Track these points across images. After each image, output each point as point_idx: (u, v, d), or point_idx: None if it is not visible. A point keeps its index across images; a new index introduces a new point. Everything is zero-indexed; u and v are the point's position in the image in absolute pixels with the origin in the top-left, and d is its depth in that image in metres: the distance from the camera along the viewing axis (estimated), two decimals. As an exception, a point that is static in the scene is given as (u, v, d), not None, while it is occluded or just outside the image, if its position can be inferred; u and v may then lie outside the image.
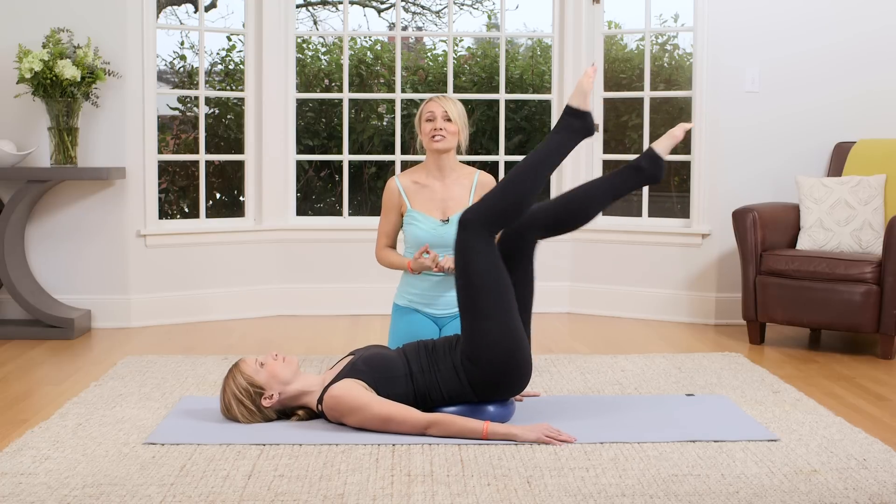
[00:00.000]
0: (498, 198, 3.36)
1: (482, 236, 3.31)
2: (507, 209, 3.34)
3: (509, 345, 3.27)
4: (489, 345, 3.26)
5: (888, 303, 4.50)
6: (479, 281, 3.29)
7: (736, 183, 5.47)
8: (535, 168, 3.40)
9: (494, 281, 3.29)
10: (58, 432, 3.25)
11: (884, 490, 2.72)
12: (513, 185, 3.37)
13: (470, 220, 3.32)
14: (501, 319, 3.27)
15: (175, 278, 5.48)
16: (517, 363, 3.29)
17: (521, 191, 3.36)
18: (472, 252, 3.30)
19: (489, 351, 3.26)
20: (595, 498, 2.65)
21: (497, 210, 3.34)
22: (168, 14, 11.11)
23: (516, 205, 3.35)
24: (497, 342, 3.26)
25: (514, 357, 3.28)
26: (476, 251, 3.30)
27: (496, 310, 3.27)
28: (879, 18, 5.41)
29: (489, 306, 3.27)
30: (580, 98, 3.47)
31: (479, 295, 3.28)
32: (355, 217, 6.00)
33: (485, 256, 3.30)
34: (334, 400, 3.22)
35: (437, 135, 3.94)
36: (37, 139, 5.21)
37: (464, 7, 11.46)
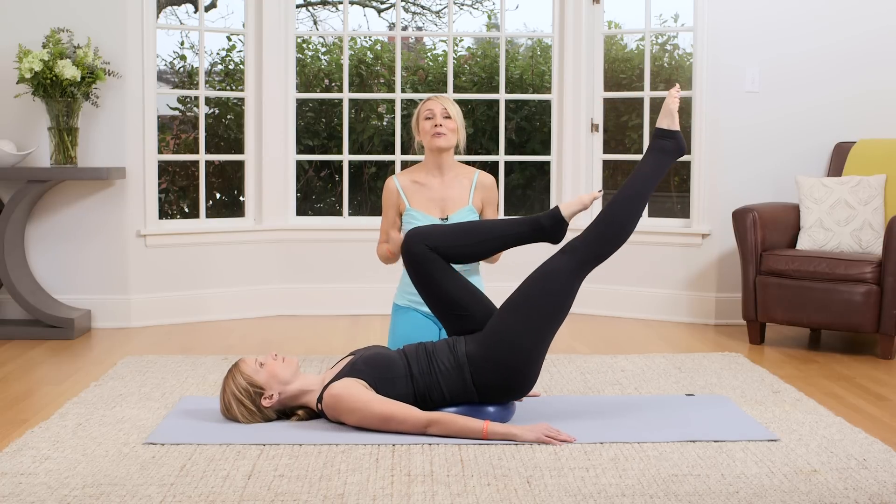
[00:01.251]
0: (606, 225, 3.42)
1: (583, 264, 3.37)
2: (615, 236, 3.42)
3: (531, 357, 3.30)
4: (513, 347, 3.27)
5: (888, 303, 4.50)
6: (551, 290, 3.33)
7: (736, 183, 5.47)
8: (640, 192, 3.45)
9: (560, 301, 3.35)
10: (58, 432, 3.25)
11: (884, 490, 2.72)
12: (620, 211, 3.43)
13: (578, 248, 3.39)
14: (541, 334, 3.32)
15: (175, 278, 5.48)
16: (529, 374, 3.33)
17: (628, 216, 3.43)
18: (564, 272, 3.35)
19: (512, 354, 3.27)
20: (595, 498, 2.65)
21: (605, 237, 3.41)
22: (168, 14, 11.11)
23: (624, 230, 3.43)
24: (520, 349, 3.28)
25: (531, 367, 3.32)
26: (567, 273, 3.35)
27: (541, 324, 3.32)
28: (879, 18, 5.41)
29: (538, 316, 3.31)
30: (668, 119, 3.53)
31: (544, 303, 3.32)
32: (355, 217, 6.00)
33: (570, 281, 3.36)
34: (334, 399, 3.22)
35: (437, 132, 3.94)
36: (37, 139, 5.21)
37: (464, 7, 11.46)
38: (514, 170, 7.92)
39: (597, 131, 5.82)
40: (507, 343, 3.29)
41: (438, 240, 3.44)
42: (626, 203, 3.44)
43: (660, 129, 3.54)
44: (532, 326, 3.30)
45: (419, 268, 3.44)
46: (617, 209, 3.43)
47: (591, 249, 3.40)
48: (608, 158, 5.95)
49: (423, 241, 3.42)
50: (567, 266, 3.37)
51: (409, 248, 3.44)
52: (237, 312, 5.64)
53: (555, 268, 3.37)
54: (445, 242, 3.44)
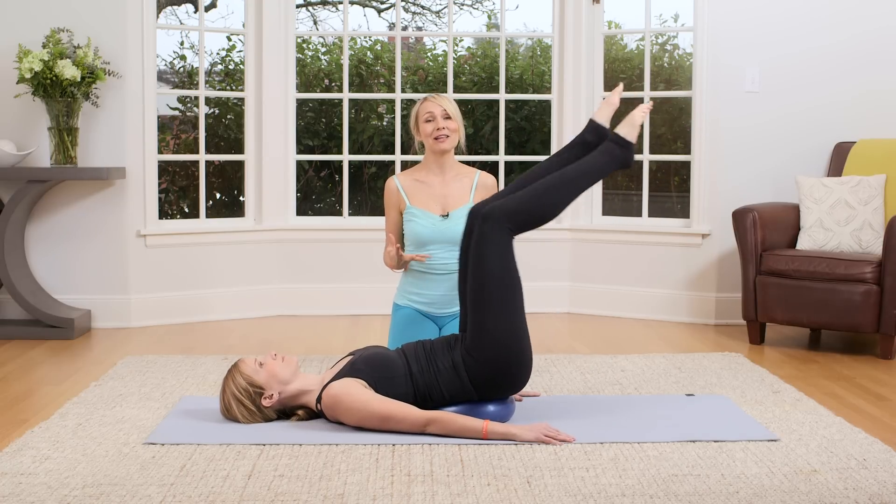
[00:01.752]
0: (530, 201, 3.35)
1: (503, 232, 3.30)
2: (537, 214, 3.35)
3: (514, 342, 3.27)
4: (494, 340, 3.26)
5: (888, 303, 4.50)
6: (493, 275, 3.29)
7: (736, 183, 5.47)
8: (576, 183, 3.40)
9: (508, 277, 3.30)
10: (58, 432, 3.25)
11: (884, 490, 2.72)
12: (548, 192, 3.37)
13: (495, 214, 3.31)
14: (509, 316, 3.28)
15: (175, 278, 5.48)
16: (520, 361, 3.29)
17: (556, 201, 3.36)
18: (491, 245, 3.29)
19: (493, 346, 3.26)
20: (595, 498, 2.65)
21: (527, 211, 3.34)
22: (168, 14, 11.11)
23: (547, 213, 3.36)
24: (502, 338, 3.26)
25: (518, 354, 3.28)
26: (495, 244, 3.30)
27: (505, 305, 3.28)
28: (879, 18, 5.41)
29: (499, 301, 3.27)
30: (629, 129, 3.50)
31: (492, 289, 3.28)
32: (355, 217, 6.00)
33: (502, 251, 3.31)
34: (333, 399, 3.22)
35: (440, 135, 3.94)
36: (37, 139, 5.21)
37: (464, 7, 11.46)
38: (514, 170, 7.92)
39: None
40: (482, 337, 3.27)
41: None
42: (557, 189, 3.36)
43: (617, 135, 3.48)
44: (497, 310, 3.26)
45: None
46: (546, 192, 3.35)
47: (510, 222, 3.30)
48: (608, 158, 5.94)
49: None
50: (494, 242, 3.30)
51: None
52: (237, 312, 5.64)
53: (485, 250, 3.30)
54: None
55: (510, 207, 3.33)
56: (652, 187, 7.28)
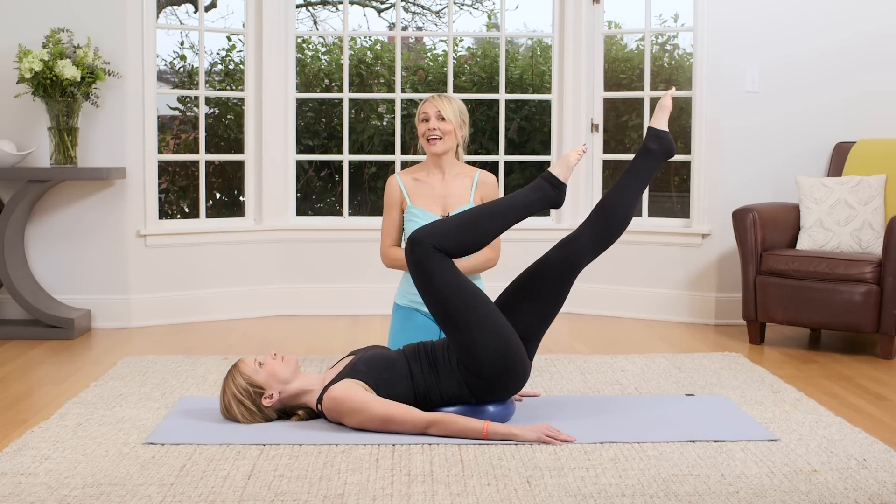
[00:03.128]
0: (459, 229, 3.32)
1: (432, 253, 3.27)
2: (463, 243, 3.32)
3: (499, 347, 3.25)
4: (479, 353, 3.25)
5: (888, 303, 4.50)
6: (444, 295, 3.27)
7: (736, 183, 5.47)
8: (504, 215, 3.37)
9: (459, 291, 3.27)
10: (58, 432, 3.25)
11: (884, 490, 2.72)
12: (478, 222, 3.34)
13: (420, 240, 3.28)
14: (482, 325, 3.25)
15: (175, 278, 5.48)
16: (511, 364, 3.28)
17: (485, 231, 3.34)
18: (429, 269, 3.27)
19: (481, 358, 3.25)
20: (595, 498, 2.65)
21: (455, 239, 3.30)
22: (168, 14, 11.11)
23: (473, 243, 3.33)
24: (486, 349, 3.24)
25: (507, 358, 3.26)
26: (432, 266, 3.27)
27: (473, 318, 3.26)
28: (879, 18, 5.41)
29: (465, 317, 3.25)
30: (564, 171, 3.45)
31: (451, 308, 3.26)
32: (355, 217, 6.00)
33: (441, 270, 3.28)
34: (334, 401, 3.22)
35: (431, 136, 3.93)
36: (37, 139, 5.21)
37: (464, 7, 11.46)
38: (514, 170, 7.92)
39: (597, 131, 5.82)
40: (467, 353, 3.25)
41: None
42: (487, 219, 3.35)
43: (551, 175, 3.44)
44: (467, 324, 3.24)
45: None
46: (475, 218, 3.35)
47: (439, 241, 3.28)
48: (608, 158, 5.95)
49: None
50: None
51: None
52: (237, 312, 5.64)
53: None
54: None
55: (436, 231, 3.31)
56: (652, 187, 7.29)
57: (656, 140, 3.55)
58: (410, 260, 3.30)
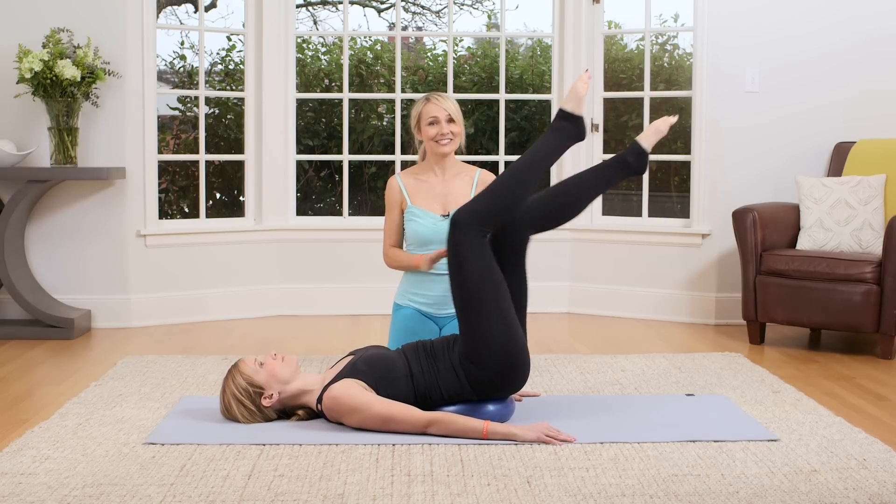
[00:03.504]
0: (491, 197, 3.38)
1: (474, 235, 3.32)
2: (500, 209, 3.37)
3: (507, 342, 3.27)
4: (487, 343, 3.26)
5: (888, 303, 4.50)
6: (473, 279, 3.29)
7: (736, 183, 5.47)
8: (529, 169, 3.43)
9: (489, 279, 3.31)
10: (58, 432, 3.25)
11: (884, 490, 2.72)
12: (506, 185, 3.40)
13: (461, 220, 3.33)
14: (498, 317, 3.28)
15: (175, 278, 5.48)
16: (515, 361, 3.29)
17: (515, 191, 3.38)
18: (465, 251, 3.31)
19: (487, 349, 3.26)
20: (595, 498, 2.65)
21: (490, 209, 3.36)
22: (168, 14, 11.11)
23: (509, 205, 3.38)
24: (495, 340, 3.26)
25: (513, 354, 3.28)
26: (469, 250, 3.31)
27: (492, 308, 3.28)
28: (879, 18, 5.41)
29: (485, 305, 3.28)
30: (574, 102, 3.50)
31: (475, 294, 3.29)
32: (355, 217, 6.00)
33: (478, 255, 3.32)
34: (333, 400, 3.22)
35: (443, 139, 3.93)
36: (37, 139, 5.21)
37: (464, 7, 11.46)
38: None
39: (597, 131, 5.82)
40: (475, 342, 3.28)
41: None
42: (514, 178, 3.38)
43: (563, 111, 3.50)
44: (485, 313, 3.27)
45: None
46: (502, 183, 3.38)
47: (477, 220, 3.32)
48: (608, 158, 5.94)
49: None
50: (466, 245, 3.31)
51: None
52: (237, 312, 5.64)
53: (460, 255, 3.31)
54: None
55: (478, 210, 3.35)
56: (652, 187, 7.29)
57: (636, 156, 3.57)
58: (451, 241, 3.33)
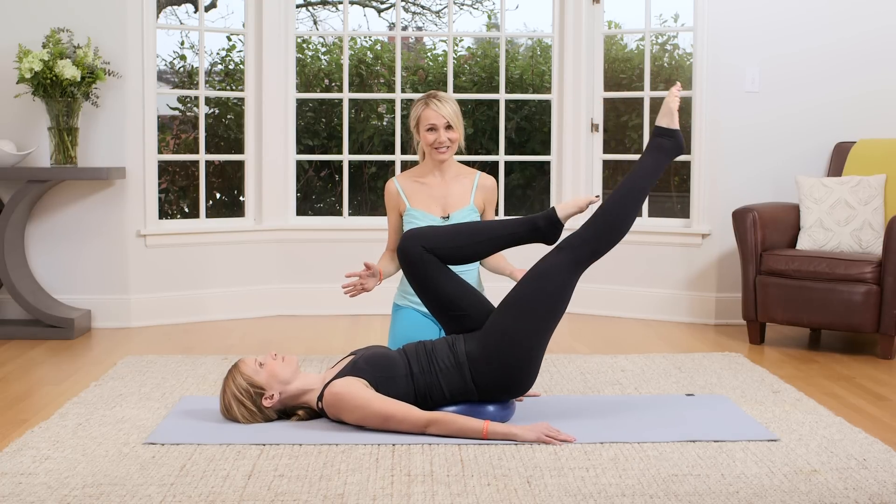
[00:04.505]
0: (601, 223, 3.41)
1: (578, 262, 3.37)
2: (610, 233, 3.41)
3: (530, 356, 3.31)
4: (514, 344, 3.28)
5: (888, 303, 4.50)
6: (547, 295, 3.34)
7: (736, 183, 5.47)
8: (636, 190, 3.46)
9: (558, 303, 3.36)
10: (58, 432, 3.25)
11: (884, 490, 2.72)
12: (615, 209, 3.42)
13: (574, 246, 3.38)
14: (538, 334, 3.32)
15: (175, 278, 5.48)
16: (529, 371, 3.33)
17: (624, 214, 3.42)
18: (560, 271, 3.36)
19: (511, 350, 3.27)
20: (595, 498, 2.65)
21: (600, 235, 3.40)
22: (168, 14, 11.11)
23: (620, 228, 3.42)
24: (523, 346, 3.29)
25: (529, 365, 3.32)
26: (564, 271, 3.36)
27: (540, 325, 3.32)
28: (879, 18, 5.41)
29: (537, 319, 3.32)
30: (668, 118, 3.53)
31: (541, 301, 3.33)
32: (355, 217, 6.00)
33: (565, 280, 3.37)
34: (334, 397, 3.22)
35: (441, 146, 3.91)
36: (37, 139, 5.21)
37: (464, 7, 11.46)
38: (514, 170, 7.93)
39: (597, 131, 5.82)
40: (507, 342, 3.29)
41: (434, 241, 3.43)
42: (623, 201, 3.43)
43: (659, 128, 3.54)
44: (530, 325, 3.31)
45: (416, 270, 3.44)
46: (614, 207, 3.43)
47: (588, 247, 3.39)
48: (608, 158, 5.95)
49: (420, 243, 3.42)
50: (563, 264, 3.37)
51: (406, 251, 3.43)
52: (237, 312, 5.64)
53: (551, 266, 3.37)
54: (441, 243, 3.43)
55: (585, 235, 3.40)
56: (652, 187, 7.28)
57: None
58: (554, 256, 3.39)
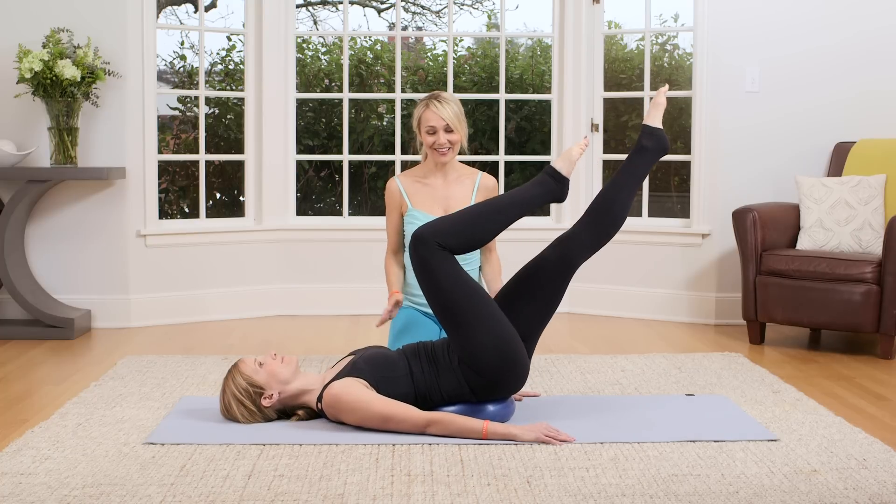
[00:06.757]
0: (462, 225, 3.34)
1: (437, 250, 3.28)
2: (468, 239, 3.33)
3: (500, 346, 3.26)
4: (481, 351, 3.25)
5: (888, 303, 4.50)
6: (448, 293, 3.27)
7: (736, 183, 5.47)
8: (506, 211, 3.38)
9: (463, 289, 3.28)
10: (58, 432, 3.25)
11: (884, 490, 2.72)
12: (481, 218, 3.35)
13: (425, 237, 3.29)
14: (485, 324, 3.26)
15: (175, 278, 5.48)
16: (512, 362, 3.28)
17: (487, 228, 3.36)
18: (433, 267, 3.28)
19: (482, 356, 3.25)
20: (595, 498, 2.65)
21: (458, 236, 3.31)
22: (168, 14, 11.11)
23: (476, 240, 3.35)
24: (487, 347, 3.25)
25: (508, 357, 3.27)
26: (436, 264, 3.28)
27: (476, 316, 3.26)
28: (879, 18, 5.41)
29: (468, 315, 3.26)
30: (566, 165, 3.44)
31: (454, 307, 3.27)
32: (355, 217, 6.00)
33: (446, 268, 3.29)
34: (334, 398, 3.22)
35: (441, 148, 3.90)
36: (37, 139, 5.21)
37: (464, 7, 11.46)
38: (514, 170, 7.93)
39: (597, 131, 5.82)
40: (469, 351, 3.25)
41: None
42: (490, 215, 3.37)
43: (552, 169, 3.44)
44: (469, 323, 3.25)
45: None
46: (478, 216, 3.37)
47: (444, 238, 3.30)
48: (608, 158, 5.95)
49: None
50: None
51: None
52: (237, 312, 5.64)
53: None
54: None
55: (440, 228, 3.32)
56: (652, 187, 7.29)
57: (650, 137, 3.53)
58: (414, 257, 3.30)
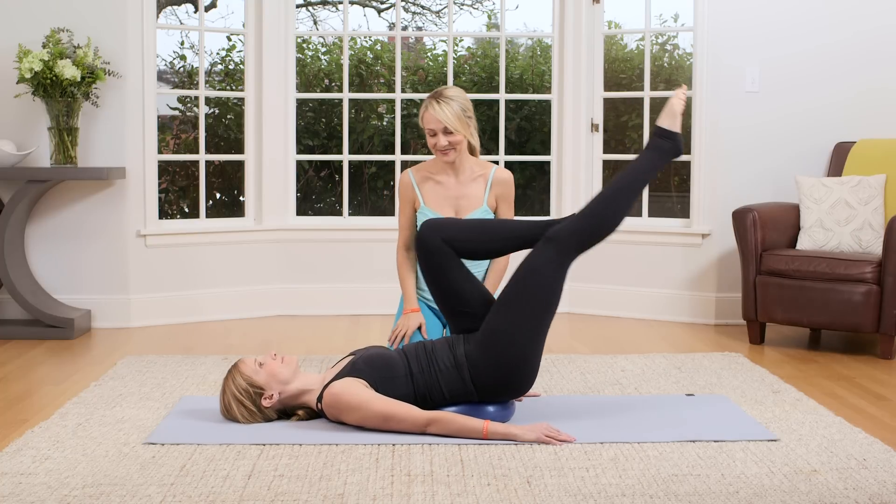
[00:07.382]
0: (590, 216, 3.38)
1: (565, 255, 3.34)
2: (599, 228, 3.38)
3: (528, 351, 3.29)
4: (512, 343, 3.27)
5: (888, 303, 4.50)
6: (539, 290, 3.32)
7: (736, 183, 5.47)
8: (629, 188, 3.42)
9: (552, 298, 3.34)
10: (58, 432, 3.25)
11: (884, 490, 2.72)
12: (606, 204, 3.39)
13: (560, 238, 3.34)
14: (534, 331, 3.31)
15: (175, 278, 5.48)
16: (528, 370, 3.32)
17: (615, 211, 3.38)
18: (549, 264, 3.33)
19: (509, 349, 3.26)
20: (595, 498, 2.65)
21: (589, 228, 3.37)
22: (168, 14, 11.11)
23: (609, 224, 3.38)
24: (519, 344, 3.28)
25: (528, 363, 3.30)
26: (552, 264, 3.33)
27: (536, 321, 3.31)
28: (879, 17, 5.41)
29: (532, 316, 3.30)
30: (670, 119, 3.48)
31: (533, 297, 3.31)
32: (355, 217, 6.00)
33: (557, 272, 3.34)
34: (334, 397, 3.22)
35: (442, 150, 3.85)
36: (37, 139, 5.21)
37: (464, 7, 11.46)
38: (514, 170, 7.92)
39: (597, 131, 5.82)
40: (503, 342, 3.28)
41: (453, 233, 3.43)
42: (616, 196, 3.40)
43: (659, 129, 3.50)
44: (525, 322, 3.29)
45: (431, 259, 3.43)
46: (605, 203, 3.39)
47: (575, 240, 3.35)
48: (608, 158, 5.95)
49: (439, 234, 3.41)
50: (551, 258, 3.34)
51: (424, 239, 3.43)
52: (237, 312, 5.64)
53: (540, 262, 3.34)
54: (460, 236, 3.43)
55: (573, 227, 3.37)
56: (652, 187, 7.28)
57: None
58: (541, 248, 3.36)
